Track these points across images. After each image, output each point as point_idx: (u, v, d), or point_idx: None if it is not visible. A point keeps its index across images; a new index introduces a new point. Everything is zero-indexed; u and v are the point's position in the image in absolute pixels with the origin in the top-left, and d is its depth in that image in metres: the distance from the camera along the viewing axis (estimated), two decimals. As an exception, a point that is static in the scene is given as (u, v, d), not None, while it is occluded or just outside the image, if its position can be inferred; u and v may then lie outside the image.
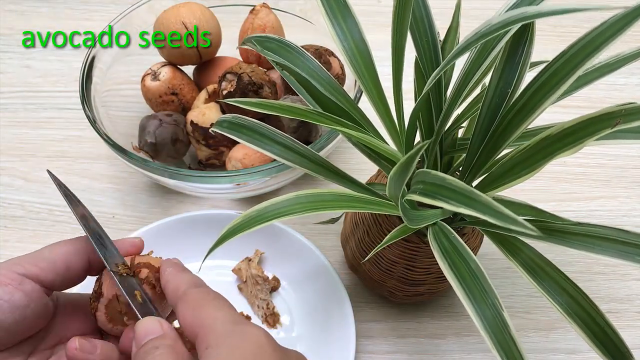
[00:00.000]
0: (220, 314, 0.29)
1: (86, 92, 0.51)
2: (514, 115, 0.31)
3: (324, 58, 0.54)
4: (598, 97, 0.64)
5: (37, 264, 0.32)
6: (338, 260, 0.52)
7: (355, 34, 0.37)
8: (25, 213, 0.55)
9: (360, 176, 0.39)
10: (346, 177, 0.36)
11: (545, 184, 0.57)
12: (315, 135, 0.53)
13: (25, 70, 0.66)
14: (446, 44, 0.38)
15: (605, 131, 0.27)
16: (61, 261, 0.32)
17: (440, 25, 0.36)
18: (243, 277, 0.49)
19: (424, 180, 0.30)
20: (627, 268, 0.52)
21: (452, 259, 0.30)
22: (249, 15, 0.55)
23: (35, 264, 0.32)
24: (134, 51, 0.57)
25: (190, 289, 0.31)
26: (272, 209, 0.32)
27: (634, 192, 0.57)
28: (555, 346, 0.48)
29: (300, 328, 0.47)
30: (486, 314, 0.28)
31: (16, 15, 0.71)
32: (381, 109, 0.37)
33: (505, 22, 0.24)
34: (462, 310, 0.49)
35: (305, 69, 0.38)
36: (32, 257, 0.32)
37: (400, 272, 0.41)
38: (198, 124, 0.52)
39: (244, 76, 0.50)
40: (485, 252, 0.50)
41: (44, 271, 0.32)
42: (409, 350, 0.47)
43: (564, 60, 0.29)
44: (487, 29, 0.25)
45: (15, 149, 0.60)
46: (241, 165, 0.50)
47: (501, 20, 0.25)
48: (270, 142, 0.35)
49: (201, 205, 0.56)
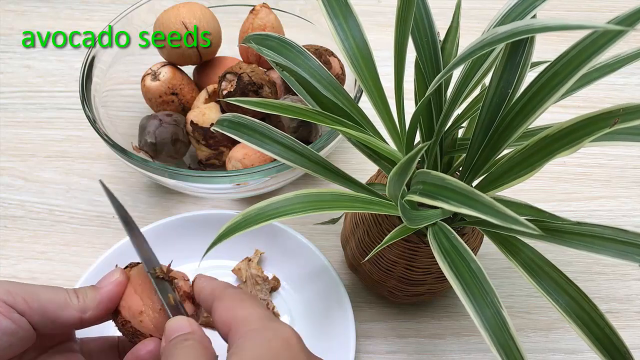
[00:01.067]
0: (253, 312, 0.31)
1: (86, 92, 0.51)
2: (515, 116, 0.31)
3: (324, 58, 0.54)
4: (598, 97, 0.64)
5: (28, 303, 0.31)
6: (338, 260, 0.52)
7: (357, 33, 0.37)
8: (25, 213, 0.55)
9: (360, 176, 0.39)
10: (346, 177, 0.36)
11: (545, 184, 0.57)
12: (315, 135, 0.53)
13: (25, 70, 0.66)
14: (446, 44, 0.38)
15: (603, 130, 0.27)
16: (52, 311, 0.32)
17: (440, 25, 0.36)
18: (243, 277, 0.49)
19: (424, 180, 0.30)
20: (627, 268, 0.52)
21: (452, 259, 0.30)
22: (249, 15, 0.55)
23: (26, 300, 0.31)
24: (134, 51, 0.57)
25: (227, 289, 0.33)
26: (272, 208, 0.32)
27: (634, 192, 0.57)
28: (555, 346, 0.48)
29: (300, 328, 0.47)
30: (486, 314, 0.28)
31: (16, 15, 0.71)
32: (382, 109, 0.37)
33: (510, 33, 0.24)
34: (462, 310, 0.49)
35: (306, 68, 0.38)
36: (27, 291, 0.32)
37: (400, 272, 0.41)
38: (198, 124, 0.52)
39: (244, 76, 0.50)
40: (485, 252, 0.50)
41: (33, 312, 0.31)
42: (409, 350, 0.47)
43: (566, 60, 0.29)
44: (492, 38, 0.25)
45: (15, 149, 0.60)
46: (241, 165, 0.50)
47: (507, 31, 0.25)
48: (271, 142, 0.35)
49: (201, 205, 0.56)
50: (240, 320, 0.30)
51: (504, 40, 0.25)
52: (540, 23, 0.23)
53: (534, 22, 0.24)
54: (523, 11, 0.31)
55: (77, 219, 0.55)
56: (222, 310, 0.32)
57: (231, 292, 0.33)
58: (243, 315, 0.31)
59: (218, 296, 0.33)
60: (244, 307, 0.32)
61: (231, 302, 0.32)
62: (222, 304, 0.32)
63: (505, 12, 0.32)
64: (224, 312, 0.32)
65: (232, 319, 0.31)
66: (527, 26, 0.24)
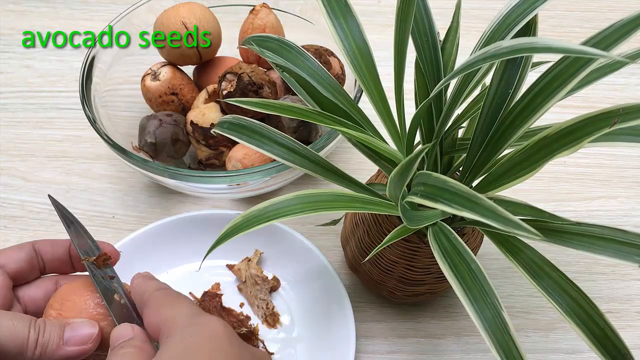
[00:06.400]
0: (180, 310, 0.31)
1: (86, 92, 0.51)
2: (516, 116, 0.31)
3: (323, 58, 0.54)
4: (597, 97, 0.64)
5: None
6: (338, 260, 0.52)
7: (356, 34, 0.37)
8: (25, 213, 0.55)
9: (360, 176, 0.39)
10: (346, 177, 0.36)
11: (545, 184, 0.57)
12: (315, 135, 0.53)
13: (25, 70, 0.66)
14: (446, 44, 0.38)
15: (603, 130, 0.27)
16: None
17: (440, 25, 0.36)
18: (242, 277, 0.49)
19: (426, 182, 0.30)
20: (627, 268, 0.52)
21: (452, 259, 0.30)
22: (249, 15, 0.55)
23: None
24: (134, 51, 0.57)
25: (154, 292, 0.33)
26: (272, 209, 0.32)
27: (634, 192, 0.57)
28: (555, 346, 0.48)
29: (300, 328, 0.47)
30: (486, 314, 0.28)
31: (16, 15, 0.71)
32: (382, 109, 0.37)
33: (514, 48, 0.25)
34: (462, 310, 0.49)
35: (305, 68, 0.38)
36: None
37: (400, 272, 0.42)
38: (198, 124, 0.52)
39: (244, 76, 0.50)
40: (485, 252, 0.50)
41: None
42: (409, 350, 0.47)
43: (568, 62, 0.29)
44: (496, 50, 0.25)
45: (15, 149, 0.60)
46: (241, 165, 0.50)
47: (510, 46, 0.25)
48: (271, 143, 0.35)
49: (201, 205, 0.56)
50: (167, 321, 0.30)
51: (507, 55, 0.25)
52: (543, 42, 0.24)
53: (537, 40, 0.24)
54: (523, 12, 0.31)
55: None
56: (150, 317, 0.32)
57: (157, 295, 0.33)
58: (170, 315, 0.31)
59: (146, 302, 0.33)
60: (172, 307, 0.32)
61: (158, 306, 0.32)
62: (149, 310, 0.32)
63: (506, 12, 0.32)
64: (151, 317, 0.32)
65: (160, 322, 0.31)
66: (530, 44, 0.24)
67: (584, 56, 0.24)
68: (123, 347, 0.31)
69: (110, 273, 0.36)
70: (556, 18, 0.72)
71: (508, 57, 0.25)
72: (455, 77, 0.28)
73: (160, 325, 0.31)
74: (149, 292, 0.33)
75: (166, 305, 0.32)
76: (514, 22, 0.31)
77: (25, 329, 0.31)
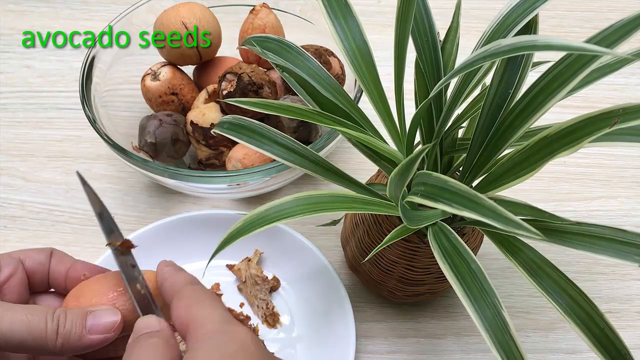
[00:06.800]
0: (212, 313, 0.30)
1: (86, 92, 0.51)
2: (516, 116, 0.31)
3: (323, 58, 0.54)
4: (597, 97, 0.64)
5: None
6: (338, 260, 0.52)
7: (356, 34, 0.37)
8: (25, 213, 0.55)
9: (360, 176, 0.39)
10: (346, 177, 0.36)
11: (545, 184, 0.57)
12: (315, 135, 0.53)
13: (25, 70, 0.66)
14: (446, 44, 0.38)
15: (603, 130, 0.27)
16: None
17: (440, 25, 0.36)
18: (242, 277, 0.49)
19: (426, 182, 0.30)
20: (627, 268, 0.52)
21: (452, 259, 0.30)
22: (249, 16, 0.55)
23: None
24: (134, 51, 0.57)
25: (187, 286, 0.32)
26: (272, 212, 0.32)
27: (634, 192, 0.57)
28: (555, 346, 0.48)
29: (300, 328, 0.47)
30: (486, 314, 0.28)
31: (16, 15, 0.71)
32: (382, 109, 0.37)
33: (514, 46, 0.25)
34: (462, 310, 0.49)
35: (305, 69, 0.38)
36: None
37: (400, 272, 0.42)
38: (198, 124, 0.52)
39: (244, 76, 0.50)
40: (485, 252, 0.50)
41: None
42: (409, 350, 0.47)
43: (569, 62, 0.29)
44: (496, 49, 0.25)
45: (15, 149, 0.60)
46: (241, 165, 0.50)
47: (511, 44, 0.25)
48: (271, 143, 0.35)
49: (201, 205, 0.56)
50: (198, 322, 0.30)
51: (507, 53, 0.25)
52: (544, 40, 0.24)
53: (538, 38, 0.24)
54: (524, 12, 0.31)
55: (77, 219, 0.55)
56: (180, 310, 0.31)
57: (190, 290, 0.32)
58: (201, 316, 0.30)
59: (177, 293, 0.32)
60: (203, 307, 0.31)
61: (190, 301, 0.31)
62: (180, 302, 0.31)
63: (506, 12, 0.32)
64: (182, 311, 0.31)
65: (190, 319, 0.30)
66: (531, 42, 0.24)
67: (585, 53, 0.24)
68: (152, 336, 0.30)
69: (131, 261, 0.36)
70: (556, 18, 0.72)
71: (509, 55, 0.25)
72: (455, 76, 0.28)
73: (189, 323, 0.30)
74: (180, 284, 0.33)
75: (198, 304, 0.31)
76: (514, 22, 0.31)
77: (42, 321, 0.30)
